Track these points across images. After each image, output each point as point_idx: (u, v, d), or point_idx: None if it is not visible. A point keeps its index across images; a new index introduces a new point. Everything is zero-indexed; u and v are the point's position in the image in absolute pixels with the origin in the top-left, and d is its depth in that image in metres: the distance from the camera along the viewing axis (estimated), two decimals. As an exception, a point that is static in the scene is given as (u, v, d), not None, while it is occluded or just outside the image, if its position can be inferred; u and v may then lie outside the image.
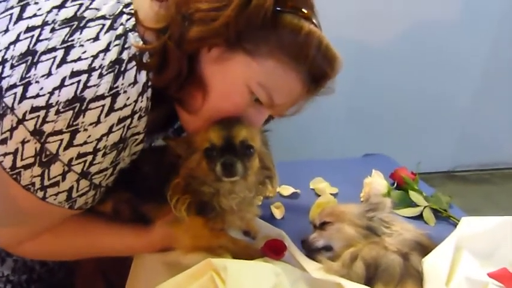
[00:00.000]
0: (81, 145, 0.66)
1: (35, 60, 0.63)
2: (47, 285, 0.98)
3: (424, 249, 0.81)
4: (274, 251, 0.84)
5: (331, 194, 1.13)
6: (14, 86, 0.63)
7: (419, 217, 1.07)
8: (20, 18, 0.66)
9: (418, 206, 1.08)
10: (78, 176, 0.68)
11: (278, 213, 1.04)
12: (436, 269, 0.74)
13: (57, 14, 0.66)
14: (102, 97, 0.64)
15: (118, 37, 0.67)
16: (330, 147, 2.13)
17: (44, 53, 0.64)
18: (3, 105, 0.63)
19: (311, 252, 0.88)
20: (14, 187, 0.68)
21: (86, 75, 0.63)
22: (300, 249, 0.88)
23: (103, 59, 0.65)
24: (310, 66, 0.73)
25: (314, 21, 0.74)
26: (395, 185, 1.18)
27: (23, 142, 0.64)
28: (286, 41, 0.71)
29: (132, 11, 0.70)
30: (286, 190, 1.14)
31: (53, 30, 0.65)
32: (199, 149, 0.76)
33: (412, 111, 2.64)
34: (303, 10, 0.72)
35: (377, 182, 1.13)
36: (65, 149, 0.65)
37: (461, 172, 3.23)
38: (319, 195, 1.13)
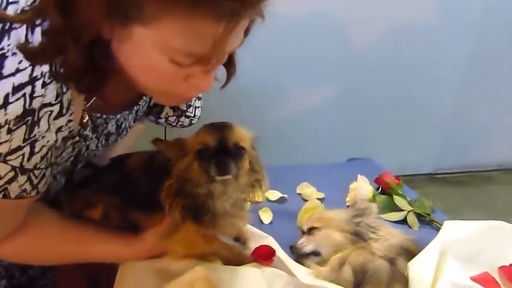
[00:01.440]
0: None
1: None
2: None
3: (410, 253, 0.83)
4: (263, 256, 0.85)
5: (318, 199, 1.14)
6: None
7: (404, 221, 1.09)
8: None
9: (403, 210, 1.10)
10: None
11: (266, 218, 1.05)
12: (422, 273, 0.76)
13: None
14: None
15: None
16: (314, 152, 2.15)
17: None
18: None
19: (299, 257, 0.89)
20: None
21: None
22: (289, 254, 0.89)
23: None
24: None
25: None
26: (380, 189, 1.20)
27: None
28: None
29: None
30: (274, 195, 1.14)
31: None
32: (191, 151, 0.77)
33: (395, 115, 2.68)
34: None
35: (362, 187, 1.14)
36: None
37: (443, 174, 3.29)
38: (306, 200, 1.14)
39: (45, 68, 0.60)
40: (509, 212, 3.08)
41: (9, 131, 0.59)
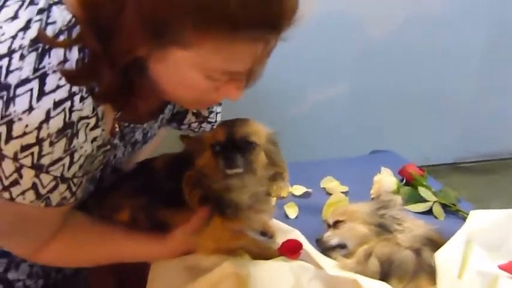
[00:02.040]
0: (20, 136, 0.61)
1: None
2: None
3: (435, 244, 0.84)
4: (290, 250, 0.87)
5: (342, 193, 1.16)
6: None
7: (429, 212, 1.10)
8: None
9: (427, 201, 1.11)
10: (34, 170, 0.64)
11: (291, 212, 1.07)
12: (448, 263, 0.77)
13: None
14: (27, 80, 0.59)
15: (40, 12, 0.61)
16: (335, 147, 2.15)
17: None
18: None
19: (326, 250, 0.91)
20: None
21: (7, 59, 0.59)
22: (315, 247, 0.91)
23: (23, 38, 0.60)
24: (247, 23, 0.58)
25: None
26: (404, 181, 1.21)
27: None
28: (202, 18, 0.57)
29: None
30: (298, 190, 1.17)
31: None
32: (207, 146, 0.80)
33: (415, 106, 2.67)
34: None
35: (386, 179, 1.15)
36: (6, 142, 0.61)
37: (466, 163, 3.26)
38: (330, 194, 1.16)
39: None
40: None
41: (51, 144, 0.63)
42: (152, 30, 0.59)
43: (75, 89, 0.62)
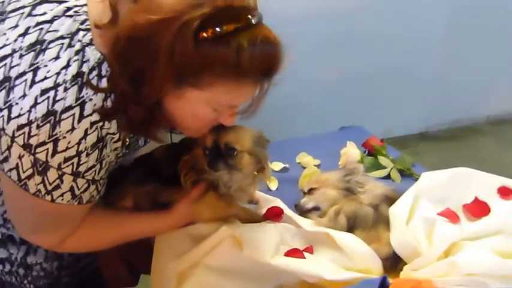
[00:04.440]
0: (64, 151, 0.74)
1: (11, 85, 0.72)
2: (75, 271, 1.10)
3: (391, 200, 1.01)
4: (274, 215, 1.04)
5: (314, 166, 1.33)
6: (0, 110, 0.72)
7: (388, 177, 1.29)
8: None
9: (386, 167, 1.30)
10: (72, 176, 0.77)
11: (273, 185, 1.24)
12: (399, 214, 0.95)
13: (22, 41, 0.73)
14: (70, 107, 0.72)
15: (76, 53, 0.73)
16: (308, 124, 2.32)
17: (17, 77, 0.72)
18: None
19: (303, 213, 1.08)
20: (27, 196, 0.77)
21: (53, 91, 0.71)
22: (294, 211, 1.08)
23: (65, 74, 0.72)
24: (253, 72, 0.75)
25: (241, 24, 0.72)
26: (367, 152, 1.39)
27: (20, 157, 0.73)
28: (220, 68, 0.73)
29: (88, 27, 0.76)
30: (277, 166, 1.33)
31: (21, 56, 0.72)
32: (201, 146, 0.94)
33: (384, 83, 2.85)
34: (224, 28, 0.71)
35: (351, 151, 1.33)
36: (52, 156, 0.73)
37: (433, 132, 3.47)
38: (305, 168, 1.33)
39: (110, 107, 0.77)
40: (497, 162, 3.29)
41: (87, 155, 0.77)
42: (178, 77, 0.73)
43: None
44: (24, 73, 0.72)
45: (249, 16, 0.73)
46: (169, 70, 0.72)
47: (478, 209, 1.00)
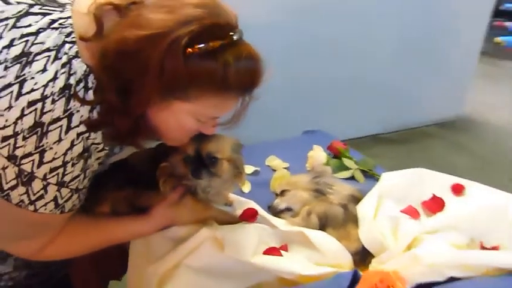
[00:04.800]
0: (50, 161, 0.74)
1: None
2: (44, 278, 1.07)
3: (358, 200, 1.10)
4: (250, 216, 1.09)
5: (284, 168, 1.40)
6: None
7: (352, 178, 1.38)
8: None
9: (350, 169, 1.39)
10: (57, 186, 0.78)
11: (245, 188, 1.29)
12: (366, 212, 1.04)
13: (7, 53, 0.72)
14: (58, 119, 0.73)
15: (63, 65, 0.73)
16: (273, 128, 2.38)
17: (2, 89, 0.71)
18: None
19: (276, 214, 1.15)
20: (9, 207, 0.76)
21: (41, 103, 0.71)
22: (268, 212, 1.14)
23: (53, 86, 0.72)
24: (237, 86, 0.80)
25: (226, 40, 0.77)
26: (332, 155, 1.47)
27: (3, 168, 0.73)
28: (207, 82, 0.77)
29: (74, 39, 0.76)
30: (249, 169, 1.38)
31: (6, 68, 0.71)
32: (180, 154, 0.98)
33: (340, 88, 2.99)
34: (211, 44, 0.75)
35: (318, 154, 1.41)
36: (38, 167, 0.74)
37: (387, 134, 3.66)
38: (275, 170, 1.39)
39: (95, 118, 0.78)
40: (445, 163, 3.51)
41: (73, 165, 0.78)
42: (166, 90, 0.76)
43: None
44: (10, 85, 0.71)
45: (232, 33, 0.78)
46: (157, 84, 0.75)
47: (435, 205, 1.10)
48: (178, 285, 0.93)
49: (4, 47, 0.72)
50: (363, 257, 0.99)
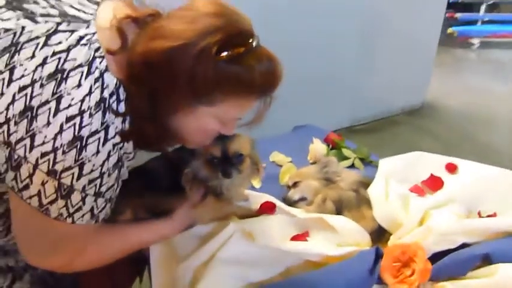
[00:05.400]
0: (89, 173, 0.77)
1: (34, 114, 0.72)
2: None
3: (366, 184, 1.19)
4: (268, 208, 1.16)
5: (289, 162, 1.47)
6: (22, 139, 0.73)
7: (352, 166, 1.47)
8: (10, 81, 0.73)
9: (349, 158, 1.48)
10: (94, 196, 0.80)
11: (256, 183, 1.35)
12: (377, 194, 1.13)
13: (41, 71, 0.73)
14: (96, 132, 0.76)
15: (96, 80, 0.76)
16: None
17: (39, 106, 0.72)
18: (16, 157, 0.74)
19: (291, 204, 1.22)
20: (47, 221, 0.79)
21: (79, 117, 0.74)
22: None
23: (89, 101, 0.74)
24: (260, 88, 0.85)
25: (248, 46, 0.81)
26: (330, 146, 1.56)
27: (43, 183, 0.75)
28: (233, 86, 0.81)
29: (103, 54, 0.78)
30: (256, 166, 1.45)
31: (41, 86, 0.73)
32: (203, 156, 1.03)
33: (310, 85, 3.09)
34: (236, 51, 0.79)
35: (318, 147, 1.49)
36: (78, 179, 0.76)
37: (359, 125, 3.80)
38: (280, 165, 1.46)
39: (127, 128, 0.82)
40: (413, 147, 3.66)
41: (109, 175, 0.81)
42: (194, 96, 0.81)
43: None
44: (47, 102, 0.73)
45: (252, 39, 0.83)
46: (186, 91, 0.79)
47: (435, 183, 1.21)
48: (213, 278, 0.97)
49: (38, 66, 0.74)
50: (379, 235, 1.08)
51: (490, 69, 5.69)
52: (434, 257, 0.96)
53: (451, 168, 1.28)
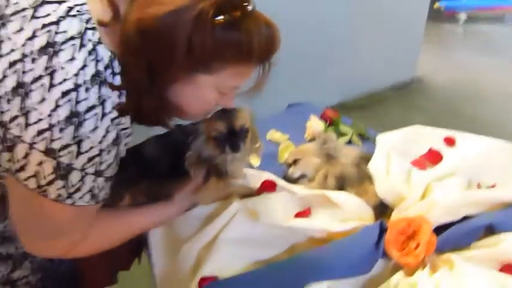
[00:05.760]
0: (87, 151, 0.74)
1: (27, 91, 0.68)
2: (55, 281, 1.09)
3: (366, 159, 1.17)
4: (269, 186, 1.15)
5: (287, 140, 1.46)
6: (15, 117, 0.69)
7: (350, 142, 1.46)
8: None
9: (347, 134, 1.47)
10: (94, 176, 0.77)
11: (255, 162, 1.33)
12: (378, 169, 1.12)
13: (32, 45, 0.69)
14: (93, 107, 0.72)
15: (90, 52, 0.72)
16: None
17: (32, 82, 0.68)
18: (11, 136, 0.70)
19: (292, 182, 1.20)
20: (46, 203, 0.76)
21: (75, 92, 0.70)
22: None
23: (84, 75, 0.70)
24: (259, 54, 0.82)
25: (244, 10, 0.78)
26: (327, 123, 1.55)
27: (40, 163, 0.71)
28: (232, 53, 0.78)
29: (94, 25, 0.74)
30: (253, 144, 1.44)
31: (33, 60, 0.69)
32: (206, 134, 1.01)
33: (298, 63, 3.07)
34: (233, 14, 0.76)
35: (316, 124, 1.48)
36: (76, 157, 0.73)
37: (348, 102, 3.81)
38: (277, 143, 1.45)
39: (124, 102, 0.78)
40: (403, 122, 3.70)
41: (108, 152, 0.78)
42: (193, 64, 0.77)
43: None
44: (40, 77, 0.68)
45: (247, 3, 0.79)
46: (185, 59, 0.75)
47: (434, 157, 1.21)
48: (218, 259, 0.96)
49: (28, 39, 0.69)
50: (382, 209, 1.08)
51: (477, 44, 5.71)
52: (438, 230, 0.96)
53: (450, 142, 1.28)
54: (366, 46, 3.54)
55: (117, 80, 0.77)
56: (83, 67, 0.71)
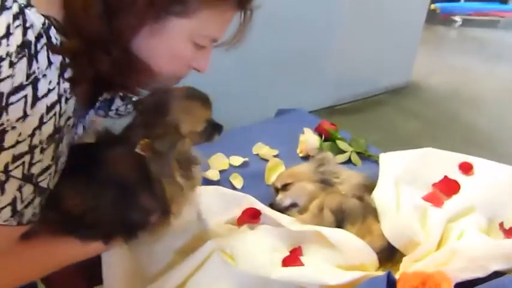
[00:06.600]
0: (13, 146, 0.57)
1: None
2: None
3: (369, 188, 0.99)
4: (252, 216, 0.96)
5: (275, 157, 1.25)
6: None
7: (348, 161, 1.26)
8: None
9: (345, 152, 1.28)
10: (21, 181, 0.59)
11: (237, 183, 1.13)
12: (386, 202, 0.93)
13: None
14: (21, 87, 0.56)
15: (15, 17, 0.56)
16: (234, 109, 2.23)
17: None
18: None
19: (280, 211, 1.00)
20: None
21: None
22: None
23: (8, 45, 0.55)
24: None
25: None
26: (323, 137, 1.34)
27: None
28: None
29: None
30: (237, 160, 1.23)
31: None
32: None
33: (293, 64, 2.91)
34: None
35: (310, 139, 1.27)
36: None
37: (341, 105, 3.66)
38: (264, 159, 1.25)
39: (66, 84, 0.62)
40: (398, 128, 3.60)
41: (42, 151, 0.60)
42: (161, 4, 0.66)
43: (61, 91, 0.61)
44: None
45: None
46: None
47: (449, 188, 1.02)
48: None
49: None
50: (389, 254, 0.89)
51: (472, 48, 5.62)
52: (459, 287, 0.77)
53: (466, 169, 1.09)
54: (361, 47, 3.39)
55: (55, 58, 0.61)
56: (6, 35, 0.55)
